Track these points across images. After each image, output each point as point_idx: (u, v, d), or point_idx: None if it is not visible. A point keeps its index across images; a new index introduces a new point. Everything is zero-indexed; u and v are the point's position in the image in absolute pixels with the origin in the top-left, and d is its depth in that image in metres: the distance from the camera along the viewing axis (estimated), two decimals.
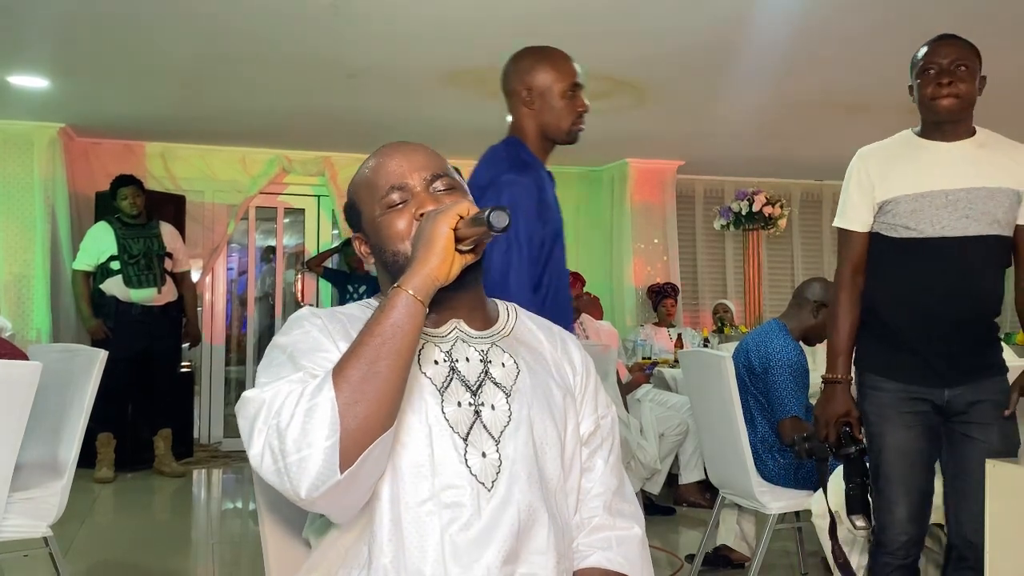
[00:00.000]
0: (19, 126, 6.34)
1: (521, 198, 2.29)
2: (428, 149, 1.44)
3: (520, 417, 1.35)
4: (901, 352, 2.49)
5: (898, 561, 2.49)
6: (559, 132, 2.43)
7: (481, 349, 1.40)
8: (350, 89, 5.42)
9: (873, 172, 2.53)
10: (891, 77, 5.21)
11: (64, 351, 3.48)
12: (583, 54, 2.40)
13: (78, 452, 3.12)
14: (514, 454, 1.33)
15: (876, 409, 2.52)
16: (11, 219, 6.38)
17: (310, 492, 1.15)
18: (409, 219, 1.37)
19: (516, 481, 1.31)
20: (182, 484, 5.95)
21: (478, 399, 1.35)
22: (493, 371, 1.38)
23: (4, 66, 5.03)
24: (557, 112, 2.41)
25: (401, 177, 1.39)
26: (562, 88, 2.40)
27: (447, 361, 1.36)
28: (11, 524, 2.78)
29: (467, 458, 1.30)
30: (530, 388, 1.39)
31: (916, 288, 2.46)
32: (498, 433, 1.33)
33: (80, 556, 4.07)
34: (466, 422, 1.32)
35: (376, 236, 1.41)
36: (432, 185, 1.39)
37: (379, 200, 1.39)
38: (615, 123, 6.22)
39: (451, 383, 1.34)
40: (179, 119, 6.33)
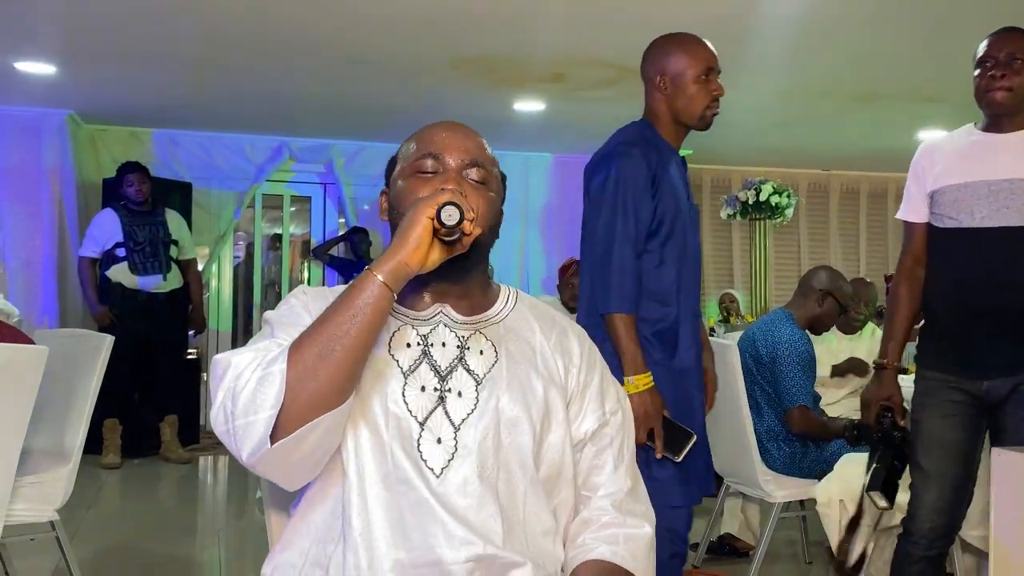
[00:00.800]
0: (26, 113, 6.34)
1: (627, 170, 2.35)
2: (480, 140, 1.44)
3: (487, 407, 1.34)
4: (942, 341, 2.51)
5: (921, 551, 2.50)
6: (692, 117, 2.46)
7: (462, 335, 1.39)
8: (356, 76, 5.42)
9: (927, 163, 2.57)
10: (900, 67, 5.22)
11: (71, 336, 3.49)
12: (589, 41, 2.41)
13: (84, 437, 3.13)
14: (472, 444, 1.31)
15: (917, 397, 2.55)
16: (18, 205, 6.40)
17: (250, 457, 1.20)
18: (430, 191, 1.35)
19: (468, 469, 1.30)
20: (188, 470, 5.96)
21: (445, 385, 1.34)
22: (469, 358, 1.37)
23: (12, 52, 5.04)
24: (690, 97, 2.44)
25: (441, 149, 1.40)
26: (695, 73, 2.43)
27: (420, 345, 1.36)
28: (18, 508, 2.80)
29: (420, 443, 1.30)
30: (505, 378, 1.37)
31: (957, 278, 2.48)
32: (459, 421, 1.33)
33: (87, 541, 4.09)
34: (427, 407, 1.32)
35: (397, 194, 1.42)
36: (466, 170, 1.39)
37: (413, 161, 1.41)
38: (622, 112, 6.18)
39: (419, 367, 1.34)
40: (186, 106, 6.33)
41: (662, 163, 2.40)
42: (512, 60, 5.05)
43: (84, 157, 6.74)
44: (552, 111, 6.30)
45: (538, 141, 7.43)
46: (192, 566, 3.99)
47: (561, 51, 4.87)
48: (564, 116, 6.45)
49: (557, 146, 7.72)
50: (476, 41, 4.74)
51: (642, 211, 2.35)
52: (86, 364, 3.17)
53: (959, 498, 2.49)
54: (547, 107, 6.19)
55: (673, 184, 2.42)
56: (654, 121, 2.50)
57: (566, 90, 5.68)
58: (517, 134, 7.04)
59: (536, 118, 6.51)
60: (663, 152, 2.43)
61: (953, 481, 2.48)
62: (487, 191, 1.40)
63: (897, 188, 8.68)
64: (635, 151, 2.37)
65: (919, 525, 2.50)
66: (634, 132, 2.47)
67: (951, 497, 2.48)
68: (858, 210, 8.65)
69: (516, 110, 6.24)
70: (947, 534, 2.51)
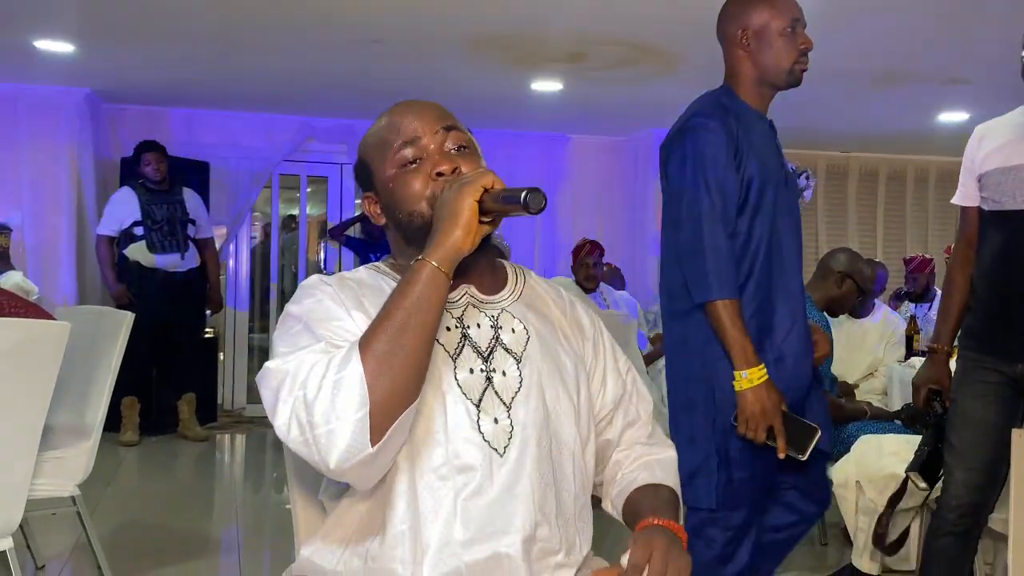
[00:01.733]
0: (46, 91, 6.36)
1: (706, 145, 2.16)
2: (438, 105, 1.43)
3: (531, 383, 1.35)
4: (981, 322, 2.53)
5: (949, 527, 2.53)
6: (779, 73, 2.26)
7: (492, 315, 1.39)
8: (374, 55, 5.40)
9: (976, 146, 2.57)
10: (921, 48, 5.16)
11: (92, 313, 3.51)
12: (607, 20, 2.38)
13: (105, 413, 3.16)
14: (525, 419, 1.32)
15: (956, 376, 2.58)
16: (37, 184, 6.42)
17: (340, 463, 1.17)
18: (424, 179, 1.35)
19: (527, 447, 1.31)
20: (206, 448, 6.01)
21: (490, 365, 1.34)
22: (504, 337, 1.37)
23: (31, 31, 5.05)
24: (776, 52, 2.25)
25: (412, 131, 1.38)
26: (780, 25, 2.24)
27: (459, 327, 1.35)
28: (41, 483, 2.82)
29: (480, 424, 1.30)
30: (540, 354, 1.38)
31: (997, 259, 2.49)
32: (509, 399, 1.33)
33: (106, 516, 4.13)
34: (478, 388, 1.32)
35: (390, 196, 1.39)
36: (445, 143, 1.37)
37: (392, 158, 1.38)
38: (640, 93, 6.18)
39: (463, 350, 1.34)
40: (204, 85, 6.33)
41: (745, 131, 2.21)
42: (530, 38, 5.02)
43: (103, 136, 6.76)
44: (569, 92, 6.27)
45: (555, 122, 7.40)
46: (209, 542, 4.02)
47: (580, 29, 4.84)
48: (581, 97, 6.42)
49: (574, 127, 7.69)
50: (495, 20, 4.72)
51: (727, 186, 2.16)
52: (107, 341, 3.19)
53: (990, 478, 2.50)
54: (564, 87, 6.16)
55: (760, 154, 2.23)
56: (736, 84, 2.31)
57: (584, 70, 5.65)
58: (534, 115, 7.01)
59: (553, 99, 6.48)
60: (745, 118, 2.24)
61: (984, 460, 2.49)
62: (473, 156, 1.39)
63: (916, 171, 8.62)
64: (712, 123, 2.19)
65: (948, 501, 2.53)
66: (709, 101, 2.27)
67: (981, 476, 2.50)
68: (876, 193, 8.60)
69: (533, 90, 6.22)
70: (976, 512, 2.53)
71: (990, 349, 2.48)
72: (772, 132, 2.35)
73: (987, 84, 5.73)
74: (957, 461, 2.52)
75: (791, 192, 2.34)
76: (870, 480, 3.23)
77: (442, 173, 1.33)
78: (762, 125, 2.30)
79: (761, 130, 2.28)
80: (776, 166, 2.28)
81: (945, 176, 8.44)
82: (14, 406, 2.48)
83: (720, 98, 2.28)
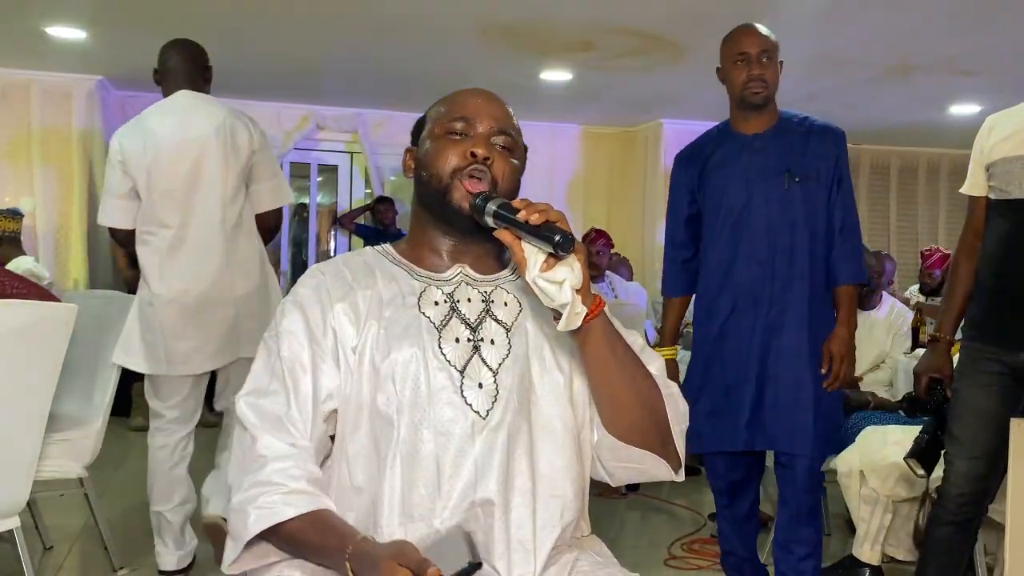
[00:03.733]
0: (58, 78, 6.40)
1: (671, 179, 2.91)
2: (508, 108, 1.51)
3: (519, 352, 1.41)
4: (984, 311, 2.54)
5: (950, 516, 2.54)
6: (736, 98, 2.75)
7: (484, 291, 1.45)
8: (384, 44, 5.41)
9: (986, 136, 2.59)
10: (932, 39, 5.14)
11: (100, 297, 3.55)
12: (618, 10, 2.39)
13: (113, 395, 3.19)
14: (511, 384, 1.38)
15: (958, 366, 2.59)
16: (50, 170, 6.47)
17: None
18: (460, 153, 1.42)
19: (509, 410, 1.36)
20: (213, 434, 6.02)
21: (477, 335, 1.41)
22: (495, 310, 1.44)
23: (43, 17, 5.07)
24: (730, 81, 2.74)
25: (473, 113, 1.46)
26: (730, 59, 2.73)
27: (447, 302, 1.43)
28: (49, 464, 2.86)
29: (463, 389, 1.36)
30: (532, 327, 1.43)
31: (1000, 248, 2.50)
32: (496, 365, 1.39)
33: (114, 499, 4.16)
34: (464, 357, 1.38)
35: (424, 153, 1.47)
36: (494, 136, 1.45)
37: (444, 123, 1.46)
38: (649, 82, 6.17)
39: (450, 321, 1.41)
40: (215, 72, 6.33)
41: (707, 156, 2.84)
42: (540, 28, 5.02)
43: (115, 123, 6.78)
44: (579, 81, 6.27)
45: (564, 112, 7.40)
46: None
47: (589, 19, 4.84)
48: (591, 86, 6.41)
49: (583, 117, 7.69)
50: (505, 9, 4.72)
51: (674, 214, 2.92)
52: (115, 324, 3.22)
53: (991, 467, 2.51)
54: (574, 77, 6.16)
55: (714, 175, 2.80)
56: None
57: (593, 59, 5.64)
58: (543, 105, 7.02)
59: (563, 88, 6.48)
60: (705, 148, 2.85)
61: (985, 450, 2.49)
62: (511, 158, 1.47)
63: (928, 163, 8.59)
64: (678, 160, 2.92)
65: (949, 490, 2.54)
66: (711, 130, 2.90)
67: (982, 465, 2.50)
68: (888, 185, 8.57)
69: (543, 80, 6.22)
70: (977, 501, 2.53)
71: (992, 338, 2.49)
72: (748, 147, 2.73)
73: (998, 76, 5.70)
74: (958, 450, 2.53)
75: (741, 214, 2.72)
76: (873, 470, 3.23)
77: (475, 155, 1.41)
78: (742, 142, 2.74)
79: (735, 148, 2.74)
80: (735, 185, 2.72)
81: (957, 168, 8.41)
82: (22, 387, 2.51)
83: (714, 128, 2.88)
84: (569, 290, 1.28)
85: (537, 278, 1.28)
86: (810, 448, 2.63)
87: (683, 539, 3.90)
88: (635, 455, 1.43)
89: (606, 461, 1.47)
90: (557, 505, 1.38)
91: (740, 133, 2.75)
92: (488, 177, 1.42)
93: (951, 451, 2.55)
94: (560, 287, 1.28)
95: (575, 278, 1.28)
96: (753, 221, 2.67)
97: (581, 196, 7.93)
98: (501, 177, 1.43)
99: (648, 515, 4.22)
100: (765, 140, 2.72)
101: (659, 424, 1.43)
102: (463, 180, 1.41)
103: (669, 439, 1.45)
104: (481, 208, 1.36)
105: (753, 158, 2.70)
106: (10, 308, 2.49)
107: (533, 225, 1.28)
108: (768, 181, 2.67)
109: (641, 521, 4.18)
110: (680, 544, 3.83)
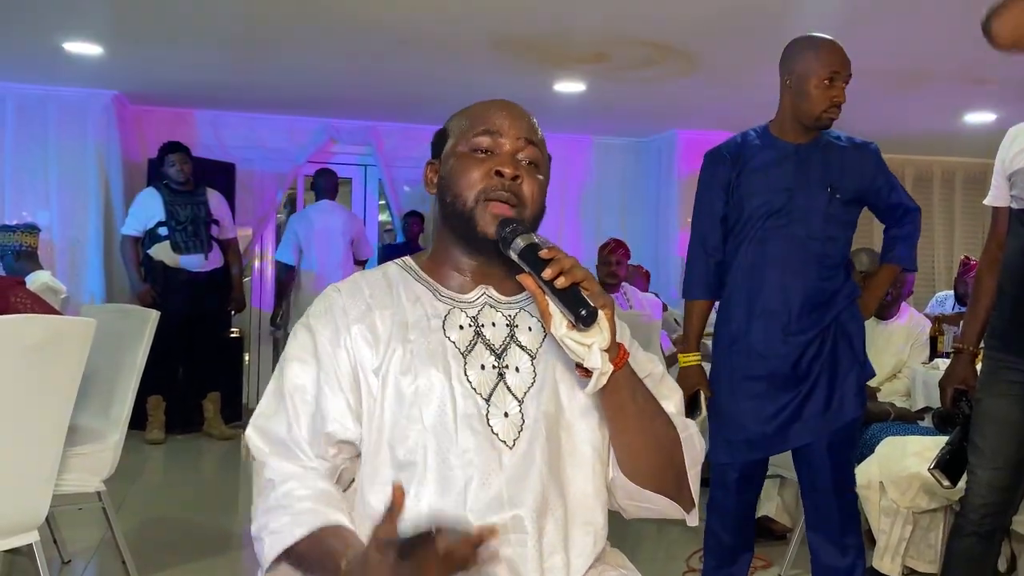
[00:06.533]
0: (74, 93, 6.44)
1: (701, 176, 2.84)
2: (533, 120, 1.48)
3: (545, 378, 1.38)
4: (1005, 321, 2.52)
5: (972, 527, 2.51)
6: (810, 118, 2.64)
7: (508, 314, 1.43)
8: (397, 57, 5.43)
9: (1008, 146, 2.58)
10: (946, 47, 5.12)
11: (117, 311, 3.56)
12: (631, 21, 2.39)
13: (131, 409, 3.20)
14: (536, 413, 1.35)
15: (981, 376, 2.57)
16: (66, 185, 6.50)
17: None
18: (485, 172, 1.39)
19: (537, 439, 1.34)
20: (230, 447, 6.05)
21: (502, 362, 1.38)
22: (519, 335, 1.41)
23: (60, 33, 5.11)
24: (811, 99, 2.61)
25: (498, 127, 1.42)
26: (819, 78, 2.60)
27: (472, 326, 1.40)
28: (67, 478, 2.87)
29: (489, 418, 1.34)
30: (556, 351, 1.38)
31: (1020, 258, 2.48)
32: (522, 394, 1.37)
33: (132, 513, 4.17)
34: (489, 384, 1.36)
35: (449, 171, 1.43)
36: (520, 152, 1.42)
37: (468, 138, 1.43)
38: (663, 92, 6.17)
39: (475, 347, 1.38)
40: (229, 87, 6.39)
41: (743, 162, 2.77)
42: (554, 40, 5.03)
43: (130, 137, 6.83)
44: (592, 93, 6.27)
45: (578, 123, 7.40)
46: (232, 538, 4.05)
47: (603, 30, 4.85)
48: (604, 97, 6.41)
49: (597, 128, 7.69)
50: (518, 21, 4.73)
51: (701, 216, 2.89)
52: (132, 339, 3.23)
53: (1015, 478, 2.48)
54: (587, 88, 6.16)
55: (755, 181, 2.74)
56: (778, 116, 2.74)
57: (607, 70, 5.65)
58: (557, 116, 7.02)
59: (576, 100, 6.48)
60: (743, 151, 2.76)
61: (1009, 460, 2.47)
62: (538, 174, 1.43)
63: (943, 172, 8.55)
64: (706, 160, 2.86)
65: (972, 501, 2.51)
66: (737, 135, 2.82)
67: (1005, 476, 2.47)
68: None
69: (556, 91, 6.22)
70: (1000, 512, 2.51)
71: (1014, 348, 2.47)
72: (794, 158, 2.68)
73: (1013, 85, 5.67)
74: (981, 461, 2.50)
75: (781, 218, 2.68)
76: (893, 481, 3.22)
77: (501, 173, 1.38)
78: (787, 152, 2.68)
79: (779, 158, 2.68)
80: (776, 194, 2.66)
81: (972, 177, 8.37)
82: (41, 401, 2.52)
83: (747, 133, 2.78)
84: (599, 354, 1.24)
85: (565, 337, 1.25)
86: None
87: (700, 551, 3.87)
88: (649, 497, 1.41)
89: (620, 499, 1.44)
90: (590, 534, 1.37)
91: (783, 141, 2.70)
92: (515, 198, 1.38)
93: (973, 461, 2.53)
94: (589, 349, 1.24)
95: (604, 339, 1.24)
96: (792, 231, 2.65)
97: (594, 207, 7.92)
98: (528, 197, 1.40)
99: (665, 527, 4.20)
100: (809, 152, 2.69)
101: (676, 469, 1.41)
102: (489, 204, 1.38)
103: (684, 483, 1.42)
104: (508, 242, 1.32)
105: (797, 168, 2.67)
106: (29, 323, 2.50)
107: (558, 288, 1.23)
108: (810, 192, 2.65)
109: (658, 533, 4.16)
110: (698, 556, 3.81)
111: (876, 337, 4.24)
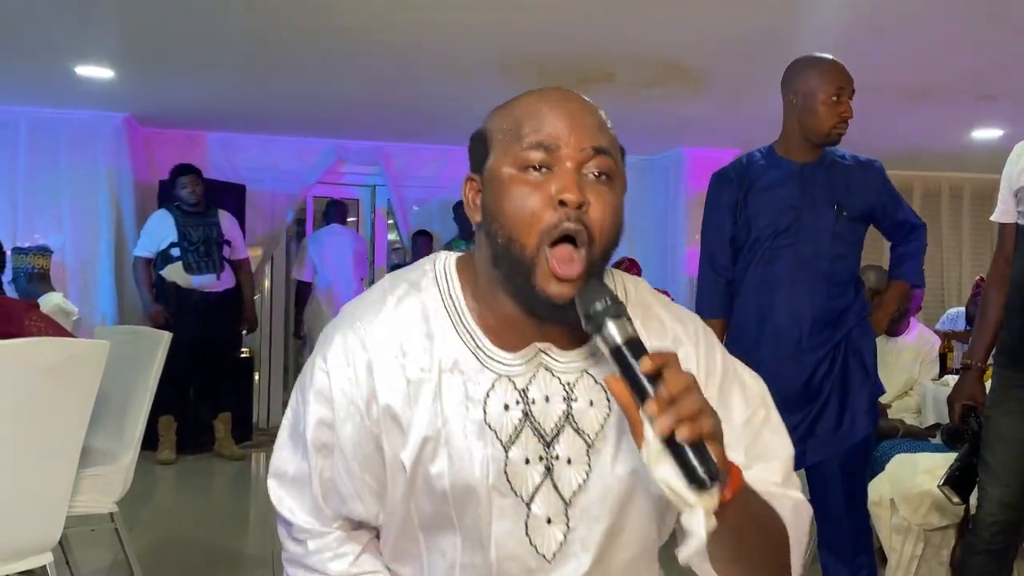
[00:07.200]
0: (85, 116, 6.49)
1: (708, 197, 2.86)
2: (600, 116, 1.17)
3: (601, 474, 1.14)
4: (1013, 337, 2.53)
5: (984, 544, 2.51)
6: (819, 135, 2.65)
7: (567, 381, 1.15)
8: (406, 78, 5.46)
9: (1015, 162, 2.59)
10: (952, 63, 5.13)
11: (129, 333, 3.58)
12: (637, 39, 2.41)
13: (143, 431, 3.21)
14: (584, 517, 1.14)
15: (990, 393, 2.57)
16: (77, 207, 6.54)
17: None
18: (544, 199, 1.08)
19: (581, 553, 1.14)
20: (241, 467, 6.06)
21: (552, 451, 1.13)
22: (576, 414, 1.14)
23: (72, 57, 5.16)
24: (818, 116, 2.63)
25: (555, 137, 1.11)
26: (825, 95, 2.62)
27: (520, 404, 1.13)
28: (80, 499, 2.88)
29: (528, 525, 1.13)
30: (618, 434, 1.14)
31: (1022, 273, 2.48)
32: (570, 495, 1.13)
33: (144, 533, 4.18)
34: (533, 483, 1.13)
35: (495, 200, 1.12)
36: (586, 164, 1.11)
37: (516, 152, 1.11)
38: (670, 111, 6.19)
39: (520, 434, 1.13)
40: (240, 109, 6.43)
41: (749, 183, 2.79)
42: (562, 60, 5.06)
43: (141, 159, 6.88)
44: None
45: None
46: (244, 559, 4.06)
47: (609, 49, 4.87)
48: (612, 116, 6.38)
49: None
50: (525, 41, 4.76)
51: (708, 238, 2.96)
52: (144, 360, 3.25)
53: None
54: None
55: (760, 202, 2.77)
56: (783, 135, 2.76)
57: (615, 89, 5.67)
58: None
59: None
60: (749, 172, 2.79)
61: (1019, 477, 2.47)
62: (610, 190, 1.12)
63: (951, 188, 8.54)
64: (712, 180, 2.89)
65: (984, 519, 2.51)
66: (741, 156, 2.85)
67: (1016, 493, 2.47)
68: None
69: None
70: (1012, 530, 2.50)
71: (1020, 364, 2.47)
72: (799, 177, 2.70)
73: (1021, 100, 5.68)
74: (992, 479, 2.50)
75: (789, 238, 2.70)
76: (904, 498, 3.21)
77: (565, 203, 1.07)
78: (793, 171, 2.70)
79: (783, 177, 2.69)
80: (783, 215, 2.68)
81: (980, 193, 8.36)
82: (55, 423, 2.53)
83: (751, 153, 2.80)
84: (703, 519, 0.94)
85: (661, 481, 0.95)
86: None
87: None
88: None
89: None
90: None
91: (789, 160, 2.73)
92: (584, 232, 1.08)
93: (984, 478, 2.53)
94: (692, 509, 0.94)
95: (714, 502, 0.94)
96: (799, 249, 2.68)
97: None
98: (598, 228, 1.08)
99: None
100: (815, 170, 2.71)
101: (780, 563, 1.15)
102: (553, 250, 1.07)
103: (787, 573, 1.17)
104: (598, 325, 1.00)
105: (803, 187, 2.70)
106: (43, 346, 2.52)
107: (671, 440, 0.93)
108: (817, 211, 2.67)
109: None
110: None
111: (885, 354, 4.24)
